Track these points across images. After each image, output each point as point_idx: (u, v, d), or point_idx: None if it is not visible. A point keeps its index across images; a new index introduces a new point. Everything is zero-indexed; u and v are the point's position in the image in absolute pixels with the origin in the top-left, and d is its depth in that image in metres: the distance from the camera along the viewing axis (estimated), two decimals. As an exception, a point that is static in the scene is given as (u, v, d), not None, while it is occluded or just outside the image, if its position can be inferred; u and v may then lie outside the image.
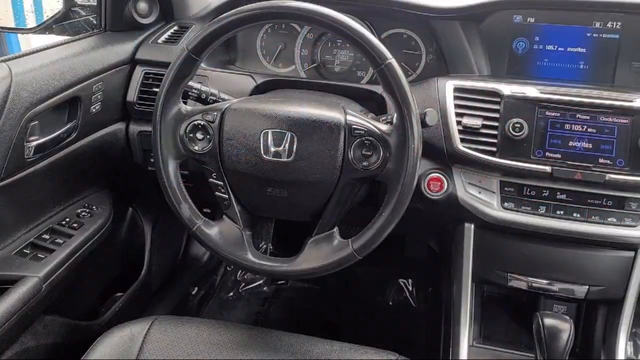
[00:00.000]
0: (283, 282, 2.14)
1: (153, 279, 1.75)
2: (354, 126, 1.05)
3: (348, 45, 1.49)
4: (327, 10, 1.00)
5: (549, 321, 1.10)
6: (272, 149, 1.06)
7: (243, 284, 2.13)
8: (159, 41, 1.46)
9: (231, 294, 2.11)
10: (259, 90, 1.36)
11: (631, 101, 1.13)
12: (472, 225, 1.27)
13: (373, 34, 1.44)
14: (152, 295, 1.79)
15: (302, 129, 1.05)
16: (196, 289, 1.99)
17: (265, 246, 2.24)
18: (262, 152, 1.06)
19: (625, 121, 1.13)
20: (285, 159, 1.06)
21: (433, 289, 1.94)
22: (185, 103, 1.19)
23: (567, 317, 1.12)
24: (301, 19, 1.02)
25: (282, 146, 1.06)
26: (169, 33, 1.49)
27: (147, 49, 1.44)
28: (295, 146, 1.05)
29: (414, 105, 1.00)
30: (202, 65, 1.39)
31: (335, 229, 1.10)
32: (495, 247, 1.26)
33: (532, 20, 1.41)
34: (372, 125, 1.05)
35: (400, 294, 2.09)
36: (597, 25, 1.37)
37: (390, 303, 2.08)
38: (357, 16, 1.45)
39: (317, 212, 1.11)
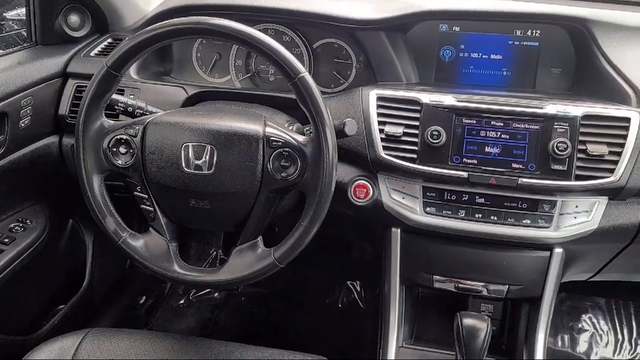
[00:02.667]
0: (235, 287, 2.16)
1: (96, 290, 1.75)
2: (272, 138, 1.07)
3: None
4: (241, 27, 1.02)
5: (467, 321, 1.14)
6: (193, 162, 1.08)
7: (194, 291, 2.14)
8: (92, 54, 1.46)
9: (182, 301, 2.12)
10: (191, 101, 1.38)
11: (541, 108, 1.18)
12: (399, 230, 1.31)
13: (305, 44, 1.49)
14: (95, 306, 1.79)
15: (221, 141, 1.08)
16: (144, 298, 2.00)
17: (215, 253, 2.26)
18: (183, 165, 1.08)
19: (536, 127, 1.18)
20: (206, 172, 1.08)
21: (379, 290, 1.98)
22: (117, 116, 1.21)
23: (486, 317, 1.16)
24: (216, 34, 1.04)
25: (203, 159, 1.08)
26: (102, 46, 1.49)
27: (79, 62, 1.44)
28: (215, 159, 1.08)
29: (328, 117, 1.03)
30: (134, 77, 1.42)
31: (259, 239, 1.13)
32: (421, 250, 1.30)
33: (457, 29, 1.46)
34: (290, 136, 1.08)
35: (349, 296, 2.13)
36: (518, 33, 1.43)
37: (340, 305, 2.12)
38: (288, 27, 1.49)
39: (240, 223, 1.13)
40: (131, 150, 1.11)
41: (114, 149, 1.11)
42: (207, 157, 1.08)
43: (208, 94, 1.40)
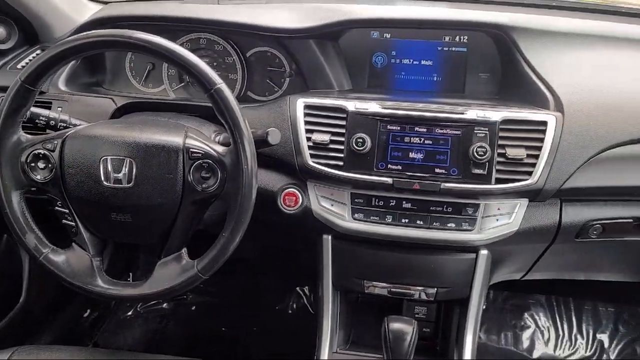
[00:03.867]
0: (182, 297, 2.15)
1: (35, 305, 1.72)
2: (192, 149, 1.07)
3: (215, 64, 1.52)
4: (156, 39, 1.02)
5: (394, 325, 1.16)
6: (112, 176, 1.07)
7: (141, 302, 2.12)
8: (18, 66, 1.44)
9: (129, 313, 2.09)
10: (120, 113, 1.37)
11: (462, 113, 1.21)
12: (330, 236, 1.32)
13: (237, 53, 1.49)
14: (37, 322, 1.75)
15: (140, 154, 1.07)
16: (88, 311, 1.97)
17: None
18: (102, 179, 1.07)
19: (457, 132, 1.21)
20: (126, 185, 1.07)
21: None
22: (44, 130, 1.19)
23: (413, 320, 1.18)
24: (131, 47, 1.04)
25: (122, 172, 1.07)
26: (30, 57, 1.47)
27: (4, 75, 1.42)
28: (134, 172, 1.07)
29: (245, 128, 1.03)
30: (62, 88, 1.40)
31: (184, 250, 1.12)
32: (352, 256, 1.32)
33: (388, 36, 1.48)
34: (210, 147, 1.08)
35: (298, 302, 2.14)
36: (447, 39, 1.46)
37: (290, 311, 2.12)
38: (219, 36, 1.49)
39: (164, 235, 1.13)
40: (50, 165, 1.09)
41: (32, 164, 1.09)
42: (127, 170, 1.07)
43: (139, 105, 1.39)
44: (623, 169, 1.22)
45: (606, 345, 1.95)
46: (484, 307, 2.03)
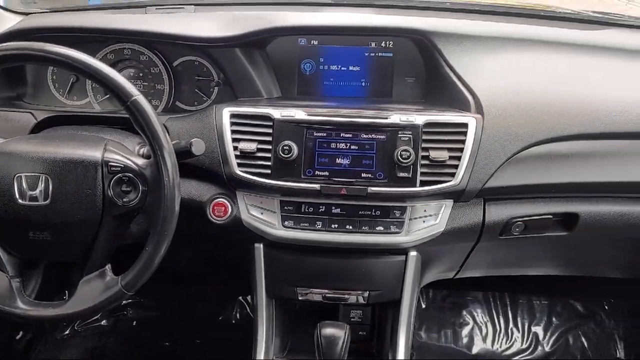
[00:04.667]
0: (121, 312, 2.09)
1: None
2: (110, 163, 1.05)
3: (141, 74, 1.49)
4: (70, 52, 1.00)
5: (325, 331, 1.17)
6: (28, 193, 1.04)
7: (78, 320, 2.05)
8: None
9: (67, 332, 2.02)
10: (40, 127, 1.32)
11: (386, 118, 1.22)
12: (261, 245, 1.31)
13: (164, 63, 1.47)
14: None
15: (57, 170, 1.04)
16: (21, 333, 1.89)
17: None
18: (17, 197, 1.04)
19: (382, 137, 1.22)
20: (42, 202, 1.04)
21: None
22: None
23: (345, 325, 1.20)
24: (45, 60, 1.02)
25: (38, 189, 1.04)
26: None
27: None
28: (51, 188, 1.04)
29: (165, 140, 1.02)
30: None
31: (107, 267, 1.10)
32: (284, 264, 1.32)
33: (315, 42, 1.49)
34: (130, 160, 1.06)
35: (242, 311, 2.12)
36: (373, 45, 1.48)
37: (234, 321, 2.10)
38: (144, 46, 1.47)
39: (86, 252, 1.10)
40: None
41: None
42: (42, 187, 1.04)
43: (61, 119, 1.35)
44: (541, 167, 1.26)
45: (541, 337, 2.02)
46: (424, 306, 2.08)
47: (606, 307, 2.05)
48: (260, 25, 1.35)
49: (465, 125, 1.22)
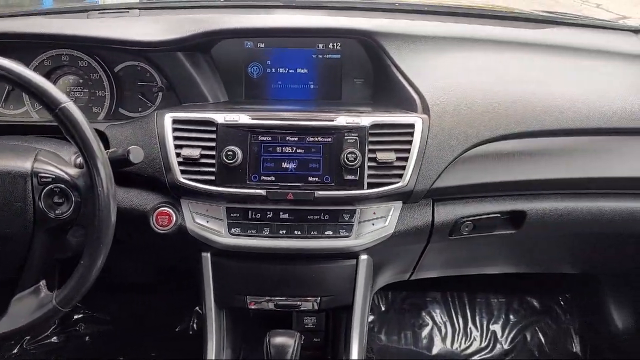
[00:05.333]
0: (73, 327, 2.02)
1: None
2: (41, 174, 1.00)
3: (81, 81, 1.44)
4: None
5: (275, 340, 1.15)
6: (-48, 208, 0.98)
7: (27, 338, 1.97)
8: None
9: (14, 351, 1.94)
10: (-29, 138, 1.26)
11: (332, 120, 1.21)
12: (209, 254, 1.28)
13: (104, 69, 1.41)
14: None
15: None
16: (-37, 355, 1.81)
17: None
18: None
19: (329, 139, 1.20)
20: (-33, 217, 0.98)
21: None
22: None
23: (295, 333, 1.17)
24: None
25: (-38, 204, 0.98)
26: None
27: None
28: None
29: (98, 148, 0.98)
30: None
31: (42, 283, 1.04)
32: (233, 273, 1.28)
33: (262, 45, 1.46)
34: (61, 170, 1.02)
35: (199, 321, 2.07)
36: (320, 46, 1.46)
37: (191, 332, 2.05)
38: (83, 52, 1.41)
39: (18, 268, 1.04)
40: None
41: None
42: None
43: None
44: (488, 166, 1.26)
45: (499, 335, 2.03)
46: (383, 309, 2.07)
47: (562, 303, 2.08)
48: (202, 28, 1.31)
49: (411, 125, 1.21)
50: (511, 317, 2.07)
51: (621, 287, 1.94)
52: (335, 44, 1.46)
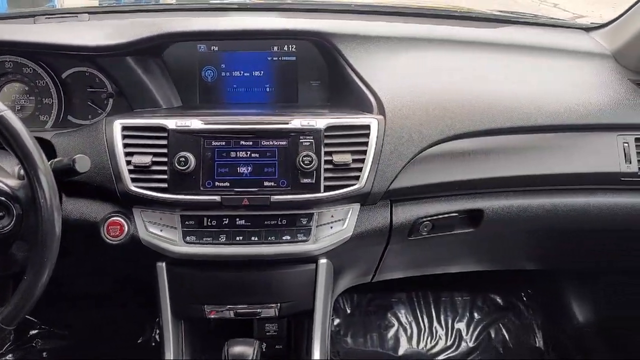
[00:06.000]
0: (29, 343, 1.95)
1: None
2: None
3: (27, 88, 1.38)
4: None
5: (233, 349, 1.13)
6: None
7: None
8: None
9: (-34, 372, 1.86)
10: None
11: (287, 123, 1.19)
12: (164, 264, 1.24)
13: (51, 75, 1.36)
14: None
15: None
16: None
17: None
18: None
19: (284, 143, 1.18)
20: None
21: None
22: None
23: (254, 341, 1.15)
24: None
25: None
26: None
27: None
28: None
29: (39, 158, 0.94)
30: None
31: None
32: (190, 282, 1.25)
33: (216, 48, 1.44)
34: (0, 182, 0.97)
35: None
36: (275, 49, 1.44)
37: (153, 344, 2.00)
38: (28, 58, 1.36)
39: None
40: None
41: None
42: None
43: None
44: (445, 166, 1.26)
45: (464, 333, 2.04)
46: (349, 311, 2.06)
47: (524, 299, 2.10)
48: (151, 32, 1.28)
49: (367, 127, 1.20)
50: (475, 314, 2.08)
51: (580, 281, 1.97)
52: (290, 46, 1.44)
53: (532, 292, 2.10)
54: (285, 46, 1.44)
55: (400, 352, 1.99)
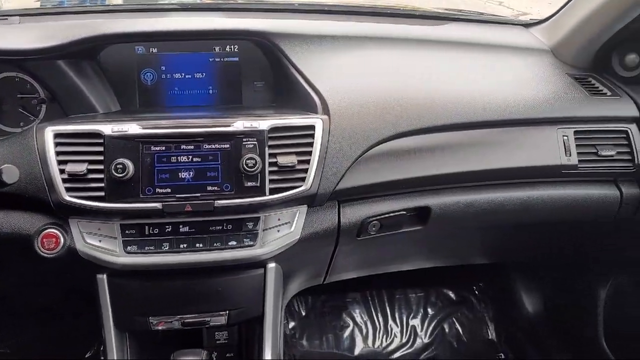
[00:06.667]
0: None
1: None
2: None
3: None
4: None
5: (179, 360, 1.08)
6: None
7: None
8: None
9: None
10: None
11: (229, 125, 1.16)
12: (104, 275, 1.19)
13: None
14: None
15: None
16: None
17: None
18: None
19: (226, 146, 1.15)
20: None
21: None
22: None
23: (201, 351, 1.12)
24: None
25: None
26: None
27: None
28: None
29: None
30: None
31: None
32: (133, 293, 1.20)
33: (155, 50, 1.39)
34: None
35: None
36: (217, 50, 1.41)
37: (102, 358, 1.92)
38: (-50, 63, 1.28)
39: None
40: None
41: None
42: None
43: None
44: (390, 164, 1.26)
45: (418, 329, 2.05)
46: (304, 314, 2.04)
47: (476, 292, 2.13)
48: (83, 34, 1.22)
49: (311, 127, 1.19)
50: (429, 310, 2.09)
51: (529, 273, 2.01)
52: (232, 47, 1.41)
53: (484, 285, 2.13)
54: (228, 47, 1.41)
55: (356, 352, 1.98)
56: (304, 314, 2.03)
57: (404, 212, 1.32)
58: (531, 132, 1.35)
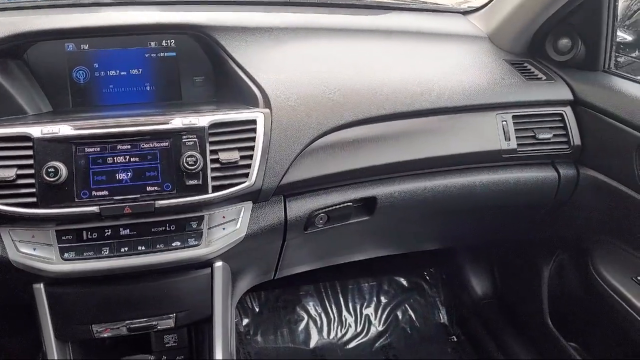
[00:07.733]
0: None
1: None
2: None
3: None
4: None
5: (126, 368, 1.04)
6: None
7: None
8: None
9: None
10: None
11: (167, 123, 1.12)
12: (41, 285, 1.14)
13: None
14: None
15: None
16: None
17: None
18: None
19: (165, 144, 1.11)
20: None
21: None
22: None
23: (149, 357, 1.08)
24: None
25: None
26: None
27: None
28: None
29: None
30: None
31: None
32: (73, 302, 1.16)
33: (86, 47, 1.33)
34: None
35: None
36: (153, 45, 1.36)
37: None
38: None
39: None
40: None
41: None
42: None
43: None
44: (334, 156, 1.25)
45: (372, 318, 2.07)
46: (257, 310, 2.02)
47: (427, 277, 2.16)
48: (6, 32, 1.15)
49: (253, 121, 1.16)
50: (382, 298, 2.11)
51: (476, 256, 2.06)
52: (169, 42, 1.37)
53: (434, 270, 2.17)
54: (164, 41, 1.36)
55: (312, 344, 1.98)
56: (257, 310, 2.01)
57: (351, 204, 1.31)
58: (471, 118, 1.37)
